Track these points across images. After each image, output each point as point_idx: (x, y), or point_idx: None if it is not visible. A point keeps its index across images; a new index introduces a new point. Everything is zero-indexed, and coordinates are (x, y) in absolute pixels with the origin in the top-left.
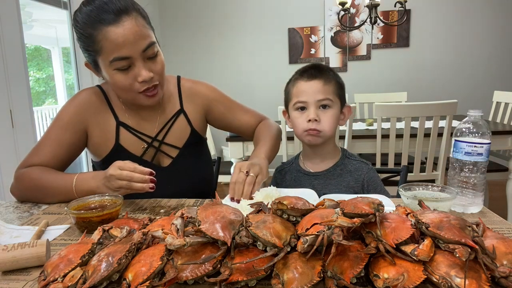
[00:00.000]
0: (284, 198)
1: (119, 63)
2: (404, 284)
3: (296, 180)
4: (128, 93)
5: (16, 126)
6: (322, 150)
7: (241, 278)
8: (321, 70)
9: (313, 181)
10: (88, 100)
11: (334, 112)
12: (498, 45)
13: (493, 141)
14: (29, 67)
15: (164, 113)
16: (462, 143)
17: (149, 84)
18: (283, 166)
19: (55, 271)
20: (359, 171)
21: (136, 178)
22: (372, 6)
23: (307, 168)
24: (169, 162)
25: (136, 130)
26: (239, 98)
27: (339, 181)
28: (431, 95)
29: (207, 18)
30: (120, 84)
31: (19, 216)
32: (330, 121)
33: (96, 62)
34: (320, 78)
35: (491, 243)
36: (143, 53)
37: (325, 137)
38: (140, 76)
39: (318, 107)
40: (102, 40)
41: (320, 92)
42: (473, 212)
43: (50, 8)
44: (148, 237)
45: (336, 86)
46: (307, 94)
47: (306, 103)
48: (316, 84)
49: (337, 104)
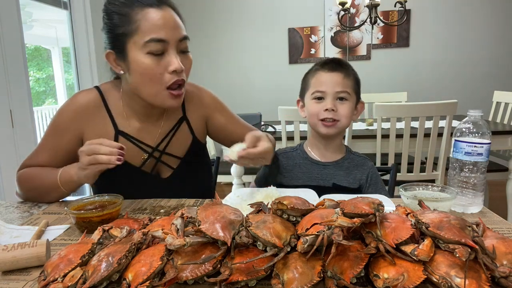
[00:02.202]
0: (284, 198)
1: (155, 45)
2: (404, 284)
3: (302, 167)
4: (153, 86)
5: (16, 126)
6: (332, 141)
7: (241, 278)
8: (342, 64)
9: (322, 170)
10: (85, 105)
11: (350, 105)
12: (498, 45)
13: (493, 141)
14: (29, 67)
15: (168, 121)
16: (462, 143)
17: (178, 77)
18: (286, 150)
19: (55, 271)
20: (364, 166)
21: (102, 150)
22: (372, 6)
23: (316, 157)
24: (169, 173)
25: (136, 139)
26: (239, 98)
27: (347, 173)
28: (431, 95)
29: (207, 18)
30: (150, 72)
31: (19, 216)
32: (346, 113)
33: (122, 48)
34: (341, 71)
35: (491, 243)
36: (179, 43)
37: (340, 127)
38: (172, 64)
39: (335, 99)
40: (141, 20)
41: (339, 84)
42: (473, 212)
43: (50, 8)
44: (148, 237)
45: (354, 81)
46: (327, 85)
47: (324, 93)
48: (336, 76)
49: (353, 98)
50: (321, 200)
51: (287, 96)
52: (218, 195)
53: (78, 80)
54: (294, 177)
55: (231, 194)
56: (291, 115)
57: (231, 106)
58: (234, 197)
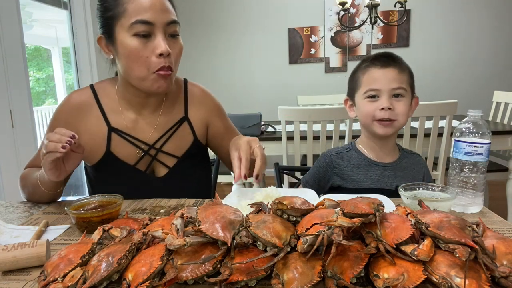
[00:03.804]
0: (284, 198)
1: (140, 27)
2: (404, 284)
3: (362, 168)
4: (140, 70)
5: (16, 126)
6: (388, 142)
7: (241, 278)
8: (395, 58)
9: (383, 171)
10: (78, 104)
11: (407, 102)
12: (498, 45)
13: (493, 141)
14: (29, 67)
15: (165, 117)
16: (462, 143)
17: (165, 63)
18: (338, 150)
19: (55, 271)
20: (419, 164)
21: (51, 138)
22: (372, 6)
23: (373, 158)
24: (165, 172)
25: (130, 136)
26: (239, 98)
27: (406, 173)
28: (431, 95)
29: (206, 18)
30: (136, 54)
31: (19, 216)
32: (404, 110)
33: (111, 32)
34: (395, 66)
35: (491, 243)
36: (166, 26)
37: (398, 127)
38: (159, 47)
39: (391, 96)
40: (128, 3)
41: (395, 80)
42: (473, 212)
43: (50, 8)
44: (148, 237)
45: (409, 76)
46: (381, 82)
47: (379, 91)
48: (391, 72)
49: (409, 94)
50: (321, 200)
51: (287, 96)
52: (218, 195)
53: (78, 80)
54: (355, 179)
55: (231, 194)
56: (291, 115)
57: (231, 106)
58: (234, 197)
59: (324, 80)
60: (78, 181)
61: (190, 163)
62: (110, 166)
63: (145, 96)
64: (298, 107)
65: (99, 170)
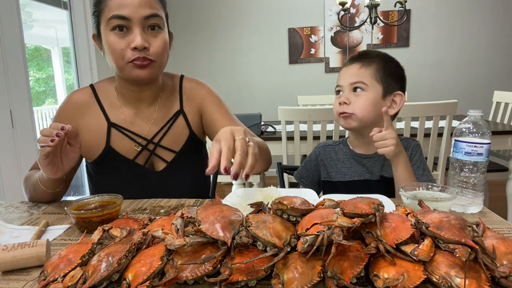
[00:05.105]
0: (284, 198)
1: (116, 21)
2: (404, 284)
3: (345, 162)
4: (118, 61)
5: (16, 126)
6: (364, 135)
7: (241, 278)
8: (365, 55)
9: (366, 163)
10: (78, 103)
11: (369, 96)
12: (498, 45)
13: (493, 141)
14: (29, 67)
15: (162, 112)
16: (462, 143)
17: (140, 54)
18: (328, 143)
19: (55, 271)
20: (407, 150)
21: (43, 132)
22: (372, 6)
23: (359, 151)
24: (163, 166)
25: (129, 130)
26: (239, 98)
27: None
28: (431, 95)
29: (206, 18)
30: (113, 47)
31: (19, 216)
32: (362, 104)
33: (98, 28)
34: (359, 62)
35: (491, 243)
36: (144, 20)
37: (358, 120)
38: (134, 41)
39: (351, 90)
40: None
41: (354, 75)
42: (473, 212)
43: (50, 8)
44: (148, 237)
45: (377, 70)
46: (342, 78)
47: (341, 87)
48: (352, 68)
49: (375, 88)
50: (321, 200)
51: (287, 96)
52: (218, 195)
53: (78, 80)
54: (340, 173)
55: (231, 194)
56: (291, 115)
57: (231, 106)
58: (234, 197)
59: (324, 80)
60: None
61: (188, 158)
62: (110, 161)
63: (138, 90)
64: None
65: (99, 165)
